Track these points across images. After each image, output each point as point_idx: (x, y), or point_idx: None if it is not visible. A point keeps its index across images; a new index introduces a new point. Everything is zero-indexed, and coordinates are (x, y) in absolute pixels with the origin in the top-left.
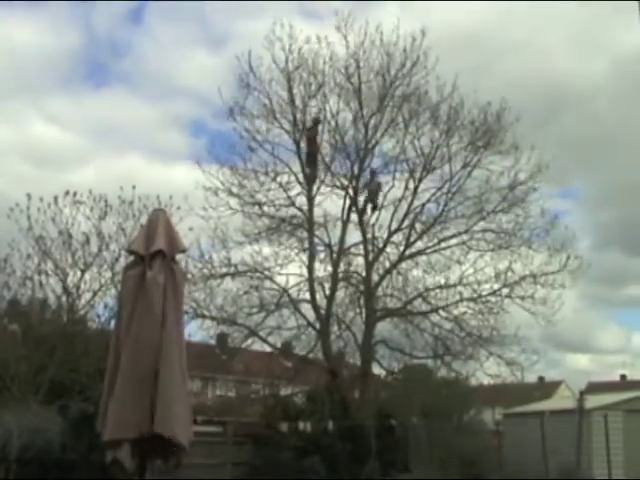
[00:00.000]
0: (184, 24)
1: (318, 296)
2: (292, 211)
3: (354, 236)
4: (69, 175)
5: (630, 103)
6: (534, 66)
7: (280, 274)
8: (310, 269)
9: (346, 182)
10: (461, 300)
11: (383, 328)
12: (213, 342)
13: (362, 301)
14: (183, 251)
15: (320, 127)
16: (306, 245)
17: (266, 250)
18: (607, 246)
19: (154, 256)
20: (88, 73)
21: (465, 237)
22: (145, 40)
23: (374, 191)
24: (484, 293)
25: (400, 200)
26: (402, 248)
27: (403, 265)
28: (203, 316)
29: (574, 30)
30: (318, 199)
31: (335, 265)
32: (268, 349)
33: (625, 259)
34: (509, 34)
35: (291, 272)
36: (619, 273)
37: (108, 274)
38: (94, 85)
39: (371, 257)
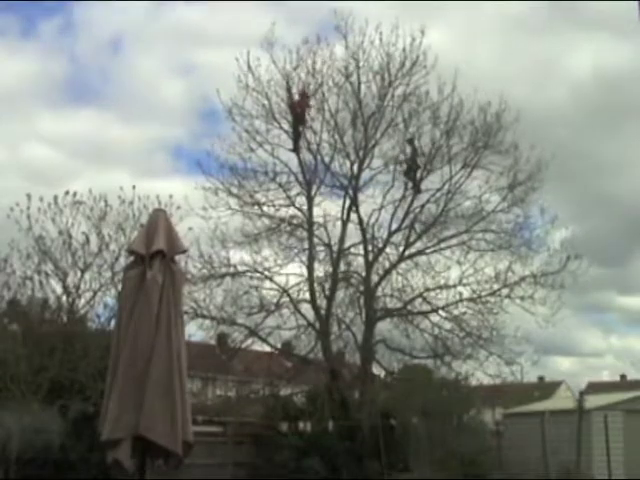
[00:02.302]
0: (157, 53)
1: (318, 296)
2: (292, 211)
3: (354, 236)
4: (61, 189)
5: (585, 127)
6: (496, 93)
7: (280, 274)
8: (310, 269)
9: (346, 182)
10: (461, 300)
11: (383, 328)
12: (213, 342)
13: (362, 301)
14: (184, 251)
15: (311, 101)
16: (306, 245)
17: (266, 250)
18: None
19: (154, 256)
20: (75, 97)
21: (465, 237)
22: (125, 68)
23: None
24: (484, 293)
25: (400, 200)
26: (402, 248)
27: (403, 265)
28: (203, 316)
29: (532, 60)
30: (318, 199)
31: (335, 265)
32: (268, 349)
33: (591, 269)
34: (474, 64)
35: (291, 272)
36: (585, 282)
37: (108, 274)
38: (80, 108)
39: (371, 257)
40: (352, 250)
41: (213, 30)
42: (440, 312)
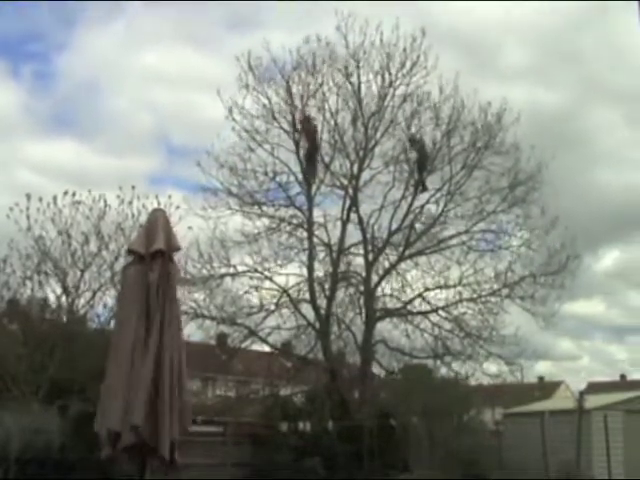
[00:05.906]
0: (127, 92)
1: (318, 296)
2: (291, 211)
3: (354, 236)
4: None
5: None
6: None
7: (280, 274)
8: (310, 269)
9: (346, 182)
10: (461, 300)
11: (383, 328)
12: (213, 342)
13: (362, 301)
14: (177, 249)
15: (317, 125)
16: (306, 245)
17: (266, 250)
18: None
19: (154, 256)
20: (57, 130)
21: (465, 237)
22: (100, 105)
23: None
24: (484, 293)
25: (400, 200)
26: (402, 248)
27: (403, 265)
28: (203, 316)
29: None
30: (318, 199)
31: (335, 265)
32: (268, 349)
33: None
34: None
35: (291, 272)
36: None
37: (107, 274)
38: (62, 139)
39: (371, 257)
40: (352, 250)
41: (171, 71)
42: (440, 312)
